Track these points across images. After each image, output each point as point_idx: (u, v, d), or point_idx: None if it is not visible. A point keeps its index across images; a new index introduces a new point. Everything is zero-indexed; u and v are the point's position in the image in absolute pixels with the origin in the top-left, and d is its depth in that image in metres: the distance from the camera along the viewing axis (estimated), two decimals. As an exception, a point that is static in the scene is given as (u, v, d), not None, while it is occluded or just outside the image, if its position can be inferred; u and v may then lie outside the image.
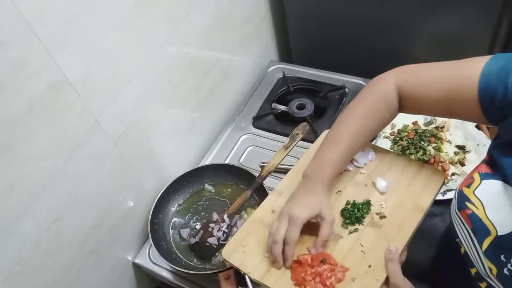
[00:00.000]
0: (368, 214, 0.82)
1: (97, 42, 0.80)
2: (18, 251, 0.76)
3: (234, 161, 1.17)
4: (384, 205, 0.83)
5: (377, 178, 0.87)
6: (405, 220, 0.80)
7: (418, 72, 0.73)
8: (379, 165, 0.89)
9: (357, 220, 0.81)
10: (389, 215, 0.81)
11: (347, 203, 0.84)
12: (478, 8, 1.11)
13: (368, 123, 0.76)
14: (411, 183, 0.86)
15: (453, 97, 0.66)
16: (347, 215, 0.82)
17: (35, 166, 0.74)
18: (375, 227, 0.80)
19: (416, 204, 0.82)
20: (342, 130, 0.77)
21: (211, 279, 0.92)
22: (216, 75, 1.23)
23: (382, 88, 0.75)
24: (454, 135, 1.26)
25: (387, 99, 0.74)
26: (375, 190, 0.86)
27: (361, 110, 0.76)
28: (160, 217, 1.03)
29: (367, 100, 0.76)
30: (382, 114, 0.75)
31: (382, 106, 0.75)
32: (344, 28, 1.36)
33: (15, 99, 0.68)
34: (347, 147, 0.76)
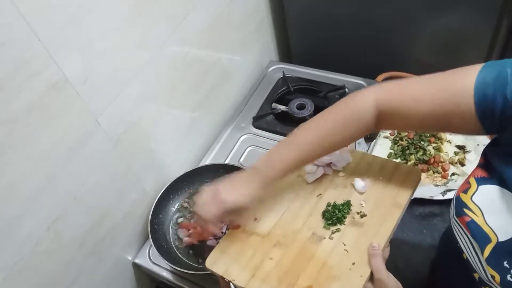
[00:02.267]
0: (349, 214, 0.84)
1: (97, 42, 0.80)
2: (18, 251, 0.76)
3: (234, 161, 1.17)
4: (364, 204, 0.86)
5: (356, 179, 0.89)
6: (385, 217, 0.82)
7: (403, 87, 0.69)
8: (357, 167, 0.92)
9: (339, 221, 0.83)
10: (369, 213, 0.84)
11: (328, 205, 0.86)
12: (478, 8, 1.11)
13: (332, 137, 0.74)
14: (389, 182, 0.88)
15: (446, 110, 0.63)
16: (328, 216, 0.84)
17: (35, 166, 0.75)
18: (357, 226, 0.82)
19: (394, 201, 0.84)
20: (303, 136, 0.76)
21: (211, 279, 0.93)
22: (216, 75, 1.23)
23: (357, 104, 0.72)
24: (454, 135, 1.26)
25: (359, 116, 0.71)
26: (354, 191, 0.88)
27: (328, 122, 0.74)
28: (160, 217, 1.03)
29: (337, 113, 0.74)
30: (349, 130, 0.73)
31: (352, 123, 0.72)
32: (344, 28, 1.36)
33: (15, 99, 0.68)
34: (303, 155, 0.75)
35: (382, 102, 0.69)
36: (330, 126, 0.74)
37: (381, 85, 0.72)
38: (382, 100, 0.69)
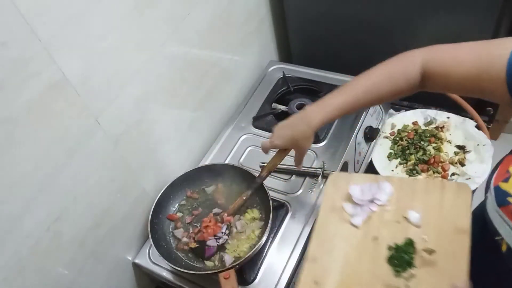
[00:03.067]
0: (415, 254, 0.76)
1: (97, 42, 0.80)
2: (18, 251, 0.76)
3: (234, 161, 1.17)
4: (426, 238, 0.78)
5: (408, 211, 0.82)
6: (455, 247, 0.75)
7: (447, 49, 0.75)
8: (401, 195, 0.85)
9: (409, 265, 0.75)
10: (437, 247, 0.76)
11: (389, 248, 0.78)
12: (478, 8, 1.11)
13: (382, 84, 0.79)
14: (441, 206, 0.81)
15: (481, 74, 0.67)
16: (395, 263, 0.76)
17: (35, 166, 0.74)
18: (429, 266, 0.75)
19: (456, 227, 0.77)
20: (353, 83, 0.82)
21: (211, 279, 0.93)
22: (216, 75, 1.23)
23: (407, 60, 0.77)
24: (454, 135, 1.27)
25: (408, 70, 0.76)
26: (409, 225, 0.81)
27: (379, 71, 0.80)
28: (160, 217, 1.03)
29: (388, 65, 0.80)
30: (399, 82, 0.78)
31: (400, 76, 0.78)
32: (344, 28, 1.36)
33: (15, 99, 0.68)
34: (353, 99, 0.81)
35: (427, 61, 0.75)
36: (379, 78, 0.80)
37: (429, 46, 0.77)
38: (428, 59, 0.75)
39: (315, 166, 1.09)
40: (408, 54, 0.78)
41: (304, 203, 1.03)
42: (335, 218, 0.85)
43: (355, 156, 1.17)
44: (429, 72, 0.75)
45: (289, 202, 1.04)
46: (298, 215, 1.02)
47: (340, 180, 0.91)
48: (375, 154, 1.26)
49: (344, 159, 1.11)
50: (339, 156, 1.11)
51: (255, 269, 0.94)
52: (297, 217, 1.01)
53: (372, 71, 0.81)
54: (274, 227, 0.99)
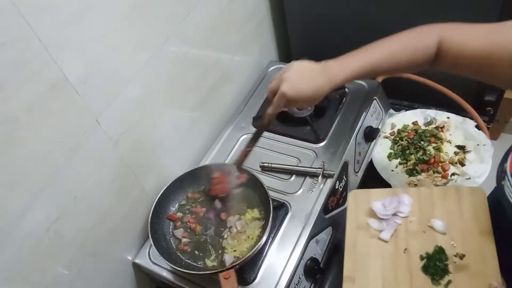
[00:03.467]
0: (448, 260, 0.81)
1: (97, 42, 0.80)
2: (18, 251, 0.76)
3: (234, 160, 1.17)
4: (454, 244, 0.83)
5: (432, 220, 0.87)
6: (483, 249, 0.80)
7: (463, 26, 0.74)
8: (421, 205, 0.90)
9: (444, 272, 0.79)
10: (466, 251, 0.81)
11: (421, 258, 0.82)
12: (478, 8, 1.11)
13: (401, 54, 0.79)
14: (461, 211, 0.86)
15: (493, 54, 0.67)
16: (432, 271, 0.80)
17: (35, 166, 0.74)
18: (463, 270, 0.79)
19: (480, 229, 0.83)
20: (376, 47, 0.81)
21: (211, 279, 0.92)
22: (216, 75, 1.23)
23: (426, 32, 0.77)
24: (454, 135, 1.27)
25: (427, 41, 0.76)
26: (436, 233, 0.85)
27: (400, 40, 0.79)
28: (160, 217, 1.03)
29: (409, 35, 0.79)
30: (418, 51, 0.77)
31: (421, 46, 0.77)
32: (344, 28, 1.36)
33: (15, 99, 0.68)
34: (376, 61, 0.79)
35: (444, 36, 0.74)
36: (402, 46, 0.79)
37: (449, 23, 0.76)
38: (444, 34, 0.74)
39: (315, 166, 1.09)
40: (427, 27, 0.78)
41: (304, 203, 1.03)
42: (363, 235, 0.89)
43: (355, 156, 1.17)
44: (444, 46, 0.74)
45: (289, 202, 1.04)
46: (298, 215, 1.02)
47: (360, 197, 0.95)
48: (375, 154, 1.26)
49: (344, 159, 1.11)
50: (339, 156, 1.11)
51: (255, 269, 0.94)
52: (297, 217, 1.01)
53: (392, 38, 0.80)
54: (274, 227, 0.99)
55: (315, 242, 1.01)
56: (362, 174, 1.22)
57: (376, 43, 0.81)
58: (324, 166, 1.07)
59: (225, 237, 0.99)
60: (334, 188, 1.06)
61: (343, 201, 1.13)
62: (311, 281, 1.00)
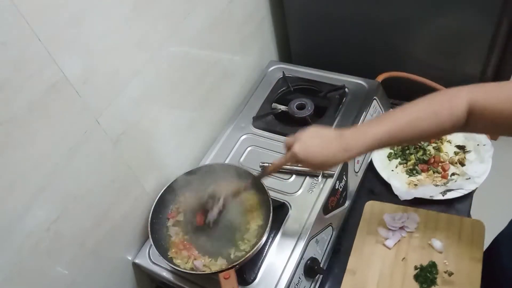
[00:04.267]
0: (438, 274, 0.95)
1: (97, 42, 0.80)
2: (18, 251, 0.76)
3: (234, 161, 1.17)
4: (447, 262, 0.97)
5: (432, 239, 1.01)
6: (470, 273, 0.94)
7: (499, 88, 0.70)
8: (427, 225, 1.05)
9: (432, 283, 0.94)
10: (455, 271, 0.95)
11: (415, 268, 0.98)
12: (478, 8, 1.11)
13: (422, 122, 0.74)
14: (460, 238, 1.00)
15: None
16: (422, 280, 0.95)
17: (35, 166, 0.74)
18: (449, 285, 0.94)
19: (472, 256, 0.97)
20: (395, 116, 0.76)
21: (211, 279, 0.92)
22: (216, 75, 1.23)
23: (452, 97, 0.72)
24: (454, 135, 1.27)
25: (453, 108, 0.71)
26: (433, 250, 1.00)
27: (421, 108, 0.75)
28: (160, 217, 1.03)
29: (431, 102, 0.74)
30: (443, 118, 0.73)
31: (443, 113, 0.72)
32: (344, 28, 1.36)
33: (15, 99, 0.68)
34: (396, 131, 0.75)
35: (475, 100, 0.70)
36: (423, 113, 0.74)
37: (476, 84, 0.72)
38: (476, 97, 0.70)
39: (315, 166, 1.09)
40: (452, 91, 0.74)
41: (304, 203, 1.03)
42: (370, 239, 1.06)
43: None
44: (479, 111, 0.69)
45: (289, 202, 1.04)
46: (298, 215, 1.02)
47: (375, 208, 1.12)
48: (375, 154, 1.26)
49: (344, 159, 1.11)
50: (339, 156, 1.10)
51: (255, 269, 0.94)
52: (297, 217, 1.01)
53: (414, 105, 0.76)
54: (274, 227, 0.99)
55: (315, 242, 1.01)
56: (362, 174, 1.22)
57: (395, 110, 0.76)
58: (324, 166, 1.07)
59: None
60: (334, 188, 1.06)
61: (343, 201, 1.13)
62: (311, 281, 1.00)
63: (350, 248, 1.08)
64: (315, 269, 0.97)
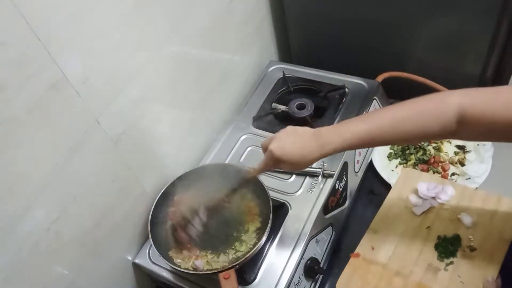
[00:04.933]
0: (460, 247, 0.93)
1: (97, 42, 0.80)
2: (18, 251, 0.76)
3: (234, 161, 1.17)
4: (472, 238, 0.94)
5: (462, 214, 0.98)
6: (494, 251, 0.91)
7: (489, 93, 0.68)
8: (461, 200, 1.02)
9: (452, 254, 0.92)
10: (479, 247, 0.93)
11: (438, 237, 0.96)
12: (478, 8, 1.10)
13: (406, 123, 0.71)
14: (493, 217, 0.97)
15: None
16: (441, 250, 0.93)
17: (35, 166, 0.74)
18: (468, 259, 0.92)
19: (501, 237, 0.93)
20: (378, 115, 0.74)
21: (211, 279, 0.93)
22: (216, 75, 1.23)
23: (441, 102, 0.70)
24: (454, 135, 1.26)
25: (442, 112, 0.69)
26: (461, 224, 0.97)
27: (407, 109, 0.72)
28: (160, 217, 1.03)
29: (418, 104, 0.72)
30: (430, 122, 0.71)
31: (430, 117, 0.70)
32: (344, 28, 1.36)
33: (15, 99, 0.68)
34: (377, 131, 0.72)
35: (466, 106, 0.67)
36: (407, 113, 0.72)
37: (468, 89, 0.70)
38: (467, 104, 0.67)
39: (315, 166, 1.09)
40: (441, 96, 0.71)
41: (304, 203, 1.03)
42: (400, 204, 1.04)
43: (355, 156, 1.17)
44: (470, 117, 0.67)
45: (289, 202, 1.04)
46: (298, 215, 1.02)
47: (411, 175, 1.10)
48: (375, 154, 1.26)
49: (344, 159, 1.11)
50: (339, 156, 1.10)
51: (255, 269, 0.94)
52: (297, 217, 1.01)
53: (399, 106, 0.73)
54: (274, 227, 0.99)
55: (315, 242, 1.01)
56: (362, 174, 1.22)
57: (378, 110, 0.76)
58: (324, 166, 1.07)
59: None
60: (334, 188, 1.06)
61: (343, 201, 1.13)
62: (311, 281, 1.00)
63: (350, 248, 1.08)
64: (315, 269, 0.97)
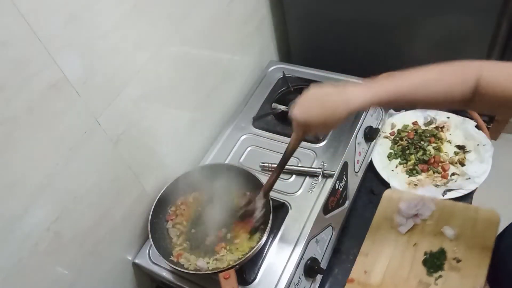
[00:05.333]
0: (446, 260, 0.98)
1: (97, 42, 0.80)
2: (18, 251, 0.76)
3: (234, 161, 1.17)
4: (456, 250, 0.99)
5: (445, 227, 1.03)
6: (479, 260, 0.96)
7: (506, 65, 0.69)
8: (441, 215, 1.06)
9: (439, 268, 0.97)
10: (464, 258, 0.97)
11: (425, 253, 1.00)
12: (478, 8, 1.11)
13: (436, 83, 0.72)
14: (474, 227, 1.02)
15: None
16: (429, 265, 0.98)
17: (35, 166, 0.74)
18: (455, 271, 0.96)
19: (483, 245, 0.98)
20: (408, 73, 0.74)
21: (211, 279, 0.92)
22: (216, 75, 1.23)
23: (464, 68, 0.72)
24: (454, 135, 1.27)
25: (465, 77, 0.71)
26: (445, 238, 1.02)
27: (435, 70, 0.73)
28: (160, 217, 1.03)
29: (446, 66, 0.73)
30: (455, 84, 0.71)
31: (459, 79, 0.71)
32: (344, 28, 1.36)
33: (15, 99, 0.68)
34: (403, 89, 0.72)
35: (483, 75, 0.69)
36: (436, 75, 0.73)
37: (488, 62, 0.71)
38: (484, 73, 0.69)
39: (315, 166, 1.09)
40: (465, 63, 0.72)
41: (304, 203, 1.03)
42: (386, 224, 1.09)
43: (355, 156, 1.17)
44: (485, 86, 0.69)
45: (289, 202, 1.04)
46: (298, 215, 1.02)
47: (394, 196, 1.15)
48: (375, 154, 1.26)
49: (344, 159, 1.11)
50: (339, 156, 1.11)
51: (255, 269, 0.94)
52: (297, 217, 1.01)
53: (427, 68, 0.74)
54: (274, 227, 0.99)
55: (315, 242, 1.01)
56: (362, 174, 1.22)
57: (408, 71, 0.74)
58: (324, 166, 1.07)
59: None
60: (334, 188, 1.06)
61: (343, 201, 1.13)
62: (311, 281, 1.00)
63: (350, 248, 1.09)
64: (315, 269, 0.97)
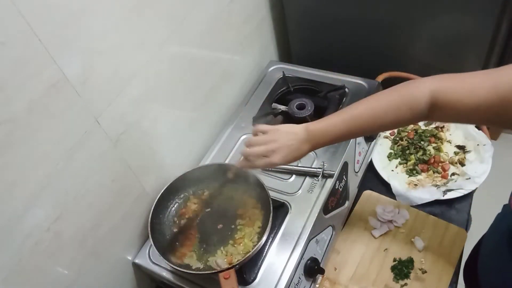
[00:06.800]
0: (413, 269, 1.03)
1: (97, 42, 0.80)
2: (18, 251, 0.76)
3: (234, 161, 1.17)
4: (423, 261, 1.04)
5: (416, 237, 1.08)
6: (442, 274, 1.01)
7: (457, 78, 0.72)
8: (414, 224, 1.11)
9: (406, 276, 1.02)
10: (429, 270, 1.02)
11: (394, 260, 1.05)
12: (478, 8, 1.11)
13: (383, 116, 0.78)
14: (442, 242, 1.06)
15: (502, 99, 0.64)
16: (397, 272, 1.03)
17: (35, 166, 0.74)
18: (420, 281, 1.01)
19: (448, 260, 1.03)
20: (357, 110, 0.81)
21: (211, 279, 0.93)
22: (216, 75, 1.23)
23: (412, 91, 0.75)
24: (454, 135, 1.27)
25: (413, 101, 0.74)
26: (414, 248, 1.07)
27: (382, 101, 0.78)
28: (160, 217, 1.03)
29: (392, 95, 0.77)
30: (400, 114, 0.76)
31: (405, 107, 0.75)
32: (344, 28, 1.36)
33: (15, 99, 0.68)
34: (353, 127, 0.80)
35: (437, 91, 0.72)
36: (383, 106, 0.77)
37: (437, 76, 0.74)
38: (437, 89, 0.72)
39: (315, 166, 1.09)
40: (415, 83, 0.76)
41: (304, 203, 1.03)
42: (360, 225, 1.13)
43: (355, 156, 1.17)
44: (440, 102, 0.72)
45: (289, 202, 1.04)
46: (298, 215, 1.02)
47: (371, 198, 1.18)
48: (375, 154, 1.26)
49: (344, 159, 1.11)
50: (339, 156, 1.11)
51: (255, 269, 0.94)
52: (297, 217, 1.01)
53: (375, 97, 0.80)
54: (274, 227, 0.99)
55: (315, 242, 1.01)
56: (362, 174, 1.22)
57: (357, 103, 0.81)
58: (324, 166, 1.07)
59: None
60: (334, 188, 1.06)
61: (343, 201, 1.13)
62: (311, 281, 1.00)
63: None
64: (315, 269, 0.97)
